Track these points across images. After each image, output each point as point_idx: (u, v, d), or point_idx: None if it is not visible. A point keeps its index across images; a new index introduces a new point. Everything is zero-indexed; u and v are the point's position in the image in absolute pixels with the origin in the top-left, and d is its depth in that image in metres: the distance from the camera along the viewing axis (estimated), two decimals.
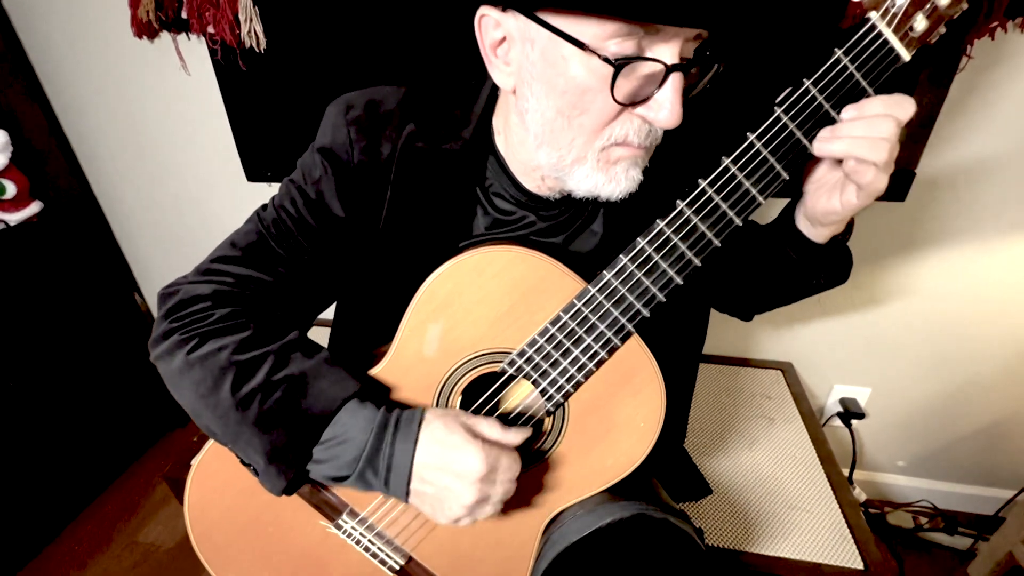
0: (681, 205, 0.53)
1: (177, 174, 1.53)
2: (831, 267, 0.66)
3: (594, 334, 0.57)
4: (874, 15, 0.48)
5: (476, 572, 0.71)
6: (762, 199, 0.53)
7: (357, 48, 1.17)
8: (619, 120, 0.52)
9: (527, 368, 0.60)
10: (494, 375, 0.62)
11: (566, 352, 0.59)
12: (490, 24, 0.54)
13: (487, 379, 0.62)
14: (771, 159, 0.52)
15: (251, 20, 1.14)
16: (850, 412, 1.42)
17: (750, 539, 0.99)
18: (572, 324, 0.57)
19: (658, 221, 0.54)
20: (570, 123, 0.53)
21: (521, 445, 0.59)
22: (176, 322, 0.59)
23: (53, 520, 1.54)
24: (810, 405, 1.31)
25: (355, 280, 0.70)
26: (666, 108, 0.50)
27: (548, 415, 0.64)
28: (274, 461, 0.56)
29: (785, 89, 0.51)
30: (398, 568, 0.69)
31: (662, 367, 0.61)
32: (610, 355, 0.59)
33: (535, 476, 0.65)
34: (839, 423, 1.44)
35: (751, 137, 0.51)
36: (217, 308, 0.59)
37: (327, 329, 0.80)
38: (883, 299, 1.30)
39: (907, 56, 0.49)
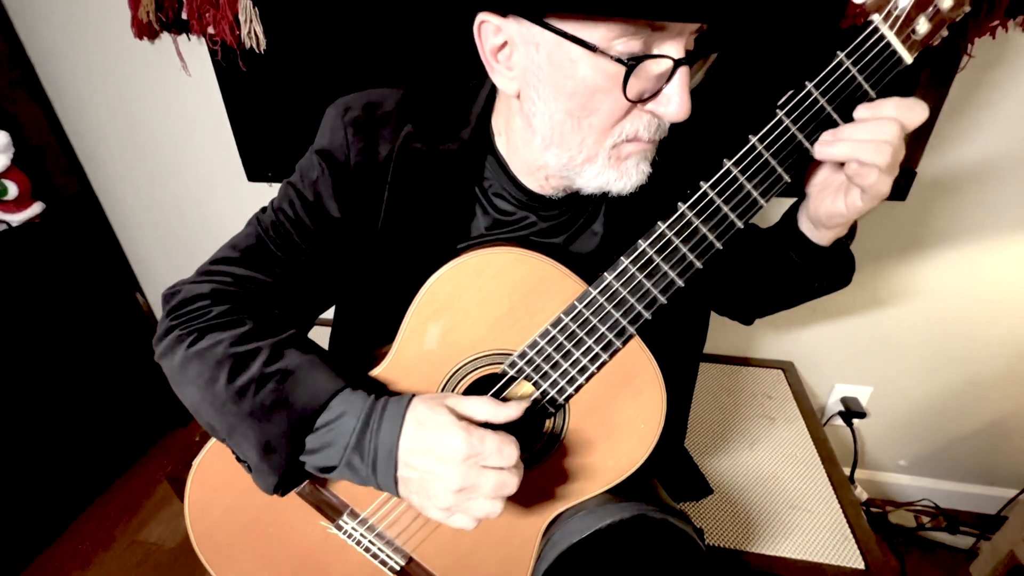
0: (682, 207, 0.53)
1: (178, 174, 1.53)
2: (834, 270, 0.66)
3: (595, 336, 0.57)
4: (876, 18, 0.48)
5: (477, 573, 0.71)
6: (763, 201, 0.53)
7: (357, 49, 1.17)
8: (628, 117, 0.53)
9: (528, 370, 0.60)
10: (495, 376, 0.62)
11: (567, 354, 0.59)
12: (490, 30, 0.54)
13: (488, 380, 0.62)
14: (772, 161, 0.52)
15: (251, 21, 1.14)
16: (851, 411, 1.41)
17: (751, 539, 0.99)
18: (573, 326, 0.57)
19: (659, 223, 0.54)
20: (580, 124, 0.53)
21: (522, 446, 0.59)
22: (176, 320, 0.60)
23: (55, 519, 1.54)
24: (811, 404, 1.31)
25: (355, 281, 0.70)
26: (675, 102, 0.50)
27: (549, 417, 0.64)
28: (266, 455, 0.56)
29: (787, 91, 0.51)
30: (398, 569, 0.69)
31: (662, 368, 0.61)
32: (611, 357, 0.59)
33: (536, 477, 0.65)
34: (840, 422, 1.44)
35: (753, 139, 0.51)
36: (216, 305, 0.60)
37: (328, 329, 0.80)
38: (884, 298, 1.30)
39: (909, 59, 0.49)
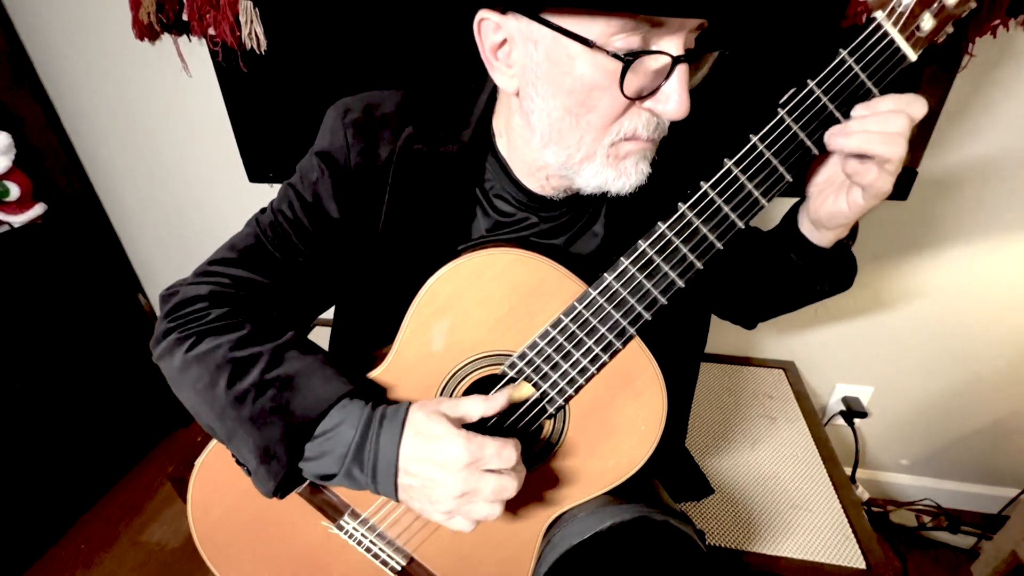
0: (683, 208, 0.53)
1: (179, 175, 1.53)
2: (835, 272, 0.66)
3: (595, 337, 0.57)
4: (880, 15, 0.47)
5: (477, 574, 0.71)
6: (765, 201, 0.53)
7: (357, 49, 1.17)
8: (627, 115, 0.52)
9: (528, 371, 0.60)
10: (495, 377, 0.62)
11: (567, 355, 0.58)
12: (490, 27, 0.53)
13: (488, 381, 0.62)
14: (774, 161, 0.51)
15: (251, 22, 1.14)
16: (853, 411, 1.41)
17: (752, 539, 0.99)
18: (573, 327, 0.57)
19: (659, 224, 0.53)
20: (578, 121, 0.53)
21: (522, 447, 0.59)
22: (174, 322, 0.60)
23: (58, 520, 1.54)
24: (812, 404, 1.30)
25: (355, 282, 0.70)
26: (674, 99, 0.50)
27: (549, 418, 0.64)
28: (266, 460, 0.56)
29: (789, 90, 0.50)
30: (399, 569, 0.69)
31: (663, 369, 0.60)
32: (611, 358, 0.59)
33: (536, 478, 0.65)
34: (842, 422, 1.44)
35: (754, 139, 0.51)
36: (214, 308, 0.60)
37: (328, 329, 0.80)
38: (885, 298, 1.30)
39: (913, 56, 0.48)
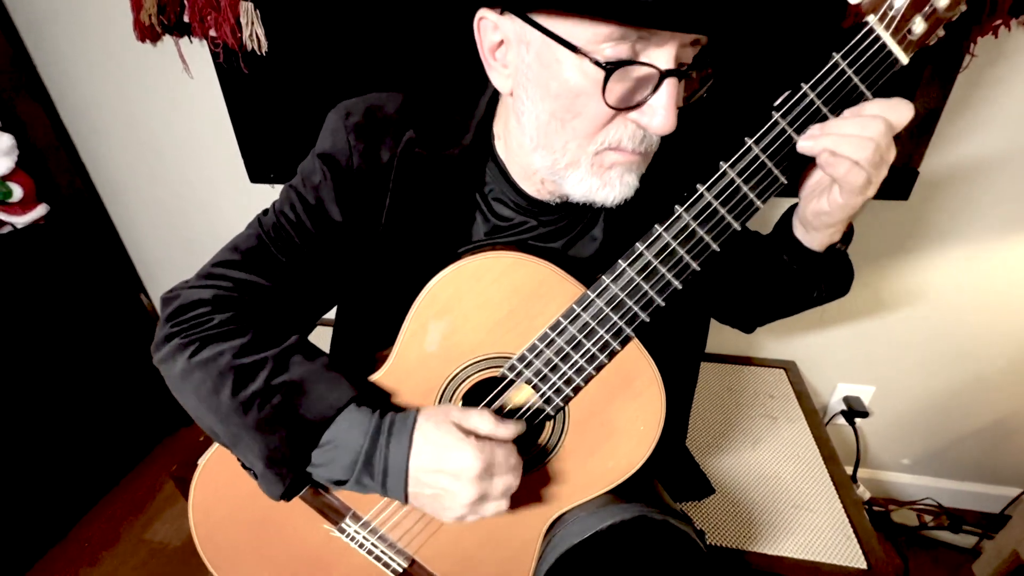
0: (680, 211, 0.53)
1: (181, 176, 1.54)
2: (830, 277, 0.66)
3: (594, 339, 0.57)
4: (872, 19, 0.48)
5: (478, 574, 0.71)
6: (760, 203, 0.53)
7: (358, 50, 1.17)
8: (613, 125, 0.52)
9: (527, 373, 0.60)
10: (495, 380, 0.62)
11: (566, 357, 0.59)
12: (488, 27, 0.54)
13: (488, 384, 0.62)
14: (769, 163, 0.52)
15: (252, 23, 1.14)
16: (854, 410, 1.41)
17: (753, 538, 0.99)
18: (572, 329, 0.57)
19: (656, 226, 0.54)
20: (563, 126, 0.53)
21: (522, 448, 0.60)
22: (177, 326, 0.60)
23: (61, 519, 1.55)
24: (813, 404, 1.30)
25: (356, 285, 0.70)
26: (660, 114, 0.49)
27: (549, 419, 0.64)
28: (272, 466, 0.56)
29: (783, 93, 0.51)
30: (401, 571, 0.70)
31: (662, 370, 0.61)
32: (610, 359, 0.59)
33: (536, 479, 0.66)
34: (843, 421, 1.44)
35: (749, 142, 0.51)
36: (217, 313, 0.60)
37: (329, 329, 0.80)
38: (886, 297, 1.30)
39: (905, 59, 0.49)
